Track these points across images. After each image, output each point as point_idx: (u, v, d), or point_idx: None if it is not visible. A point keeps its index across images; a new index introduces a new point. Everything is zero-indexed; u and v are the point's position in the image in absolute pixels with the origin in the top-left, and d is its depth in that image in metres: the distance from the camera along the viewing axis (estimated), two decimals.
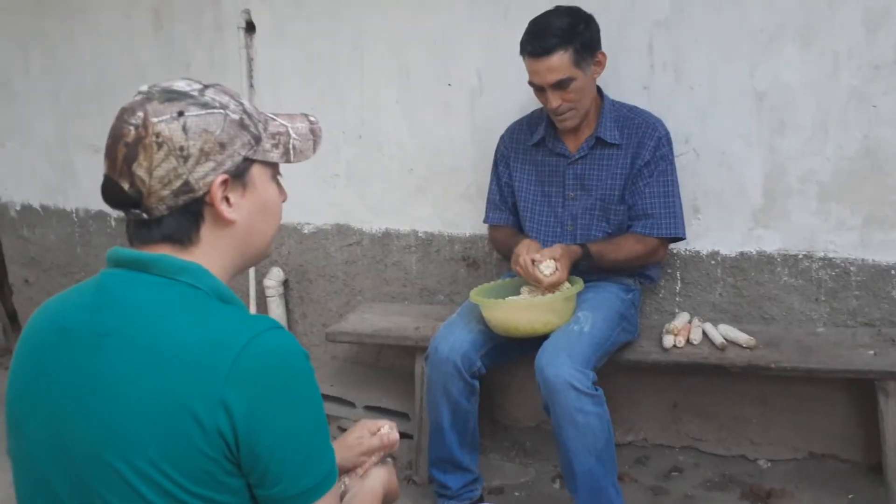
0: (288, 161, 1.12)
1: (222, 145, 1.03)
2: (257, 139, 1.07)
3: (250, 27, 3.01)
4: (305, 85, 2.97)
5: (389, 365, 3.02)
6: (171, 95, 1.03)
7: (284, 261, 3.13)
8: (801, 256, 2.49)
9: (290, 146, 1.12)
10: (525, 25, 2.26)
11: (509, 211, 2.54)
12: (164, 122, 1.01)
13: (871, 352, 2.25)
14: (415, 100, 2.84)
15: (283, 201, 1.15)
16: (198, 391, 0.95)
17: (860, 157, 2.38)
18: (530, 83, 2.27)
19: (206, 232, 1.06)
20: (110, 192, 1.04)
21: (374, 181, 2.96)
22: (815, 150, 2.41)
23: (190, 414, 0.94)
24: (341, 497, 1.27)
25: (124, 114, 1.03)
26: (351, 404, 2.80)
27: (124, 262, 1.05)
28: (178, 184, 1.02)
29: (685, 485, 2.51)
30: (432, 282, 2.93)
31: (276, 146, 1.10)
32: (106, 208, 3.38)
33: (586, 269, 2.25)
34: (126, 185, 1.02)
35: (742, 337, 2.33)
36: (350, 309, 2.98)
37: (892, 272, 2.41)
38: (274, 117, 1.13)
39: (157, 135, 1.00)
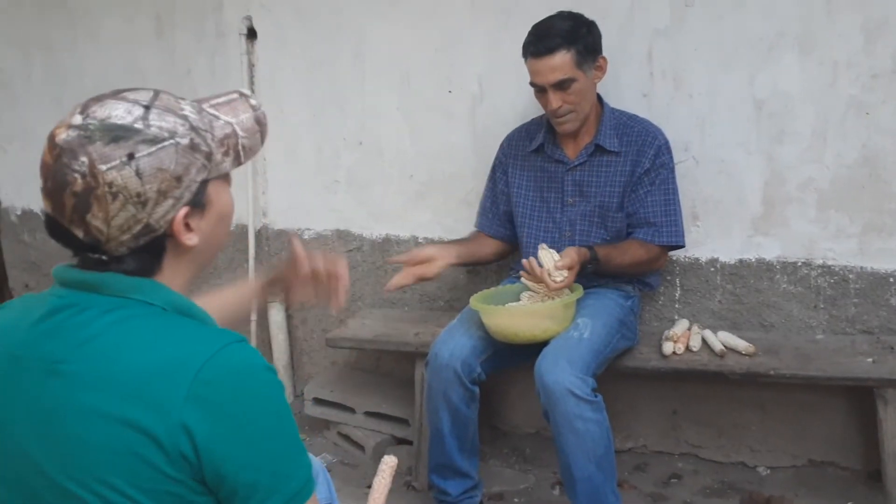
0: (240, 164, 1.07)
1: (178, 179, 0.98)
2: (209, 157, 1.01)
3: (252, 34, 3.03)
4: (306, 91, 2.98)
5: (389, 371, 3.03)
6: (115, 133, 0.94)
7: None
8: (800, 264, 2.49)
9: (240, 148, 1.06)
10: (526, 33, 2.28)
11: (498, 219, 2.55)
12: (114, 170, 0.94)
13: (870, 359, 2.26)
14: (415, 106, 2.85)
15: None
16: (157, 416, 0.91)
17: (859, 166, 2.39)
18: (532, 84, 2.29)
19: (168, 261, 1.03)
20: (61, 236, 0.99)
21: (374, 187, 2.96)
22: (814, 158, 2.42)
23: (151, 439, 0.91)
24: None
25: (63, 155, 0.94)
26: (351, 410, 2.81)
27: (73, 283, 1.01)
28: (137, 228, 0.97)
29: (684, 492, 2.51)
30: (432, 288, 2.93)
31: (226, 154, 1.04)
32: None
33: (588, 274, 2.26)
34: (80, 234, 0.97)
35: (741, 344, 2.34)
36: (350, 315, 2.98)
37: (891, 280, 2.41)
38: (216, 114, 1.05)
39: (110, 185, 0.93)
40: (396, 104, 2.87)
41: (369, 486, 1.32)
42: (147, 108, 0.98)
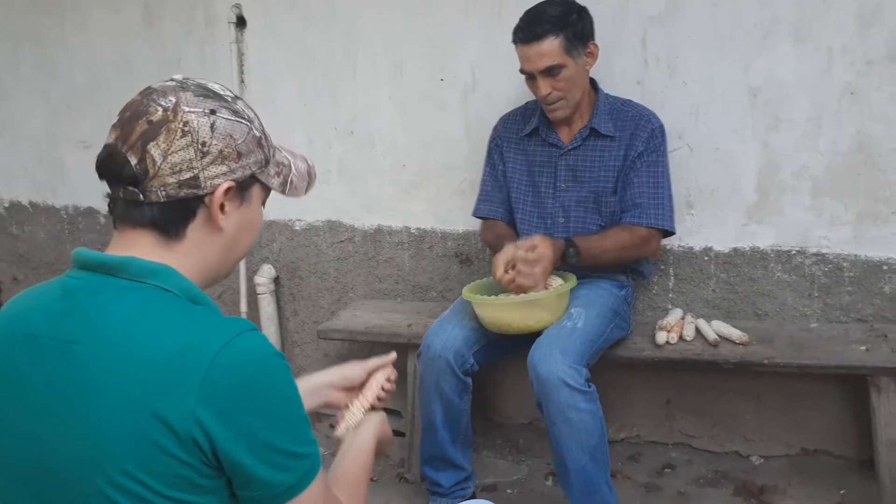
0: (283, 192, 1.15)
1: (240, 154, 1.05)
2: (267, 161, 1.10)
3: (241, 22, 2.99)
4: (298, 81, 2.95)
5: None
6: (206, 92, 1.05)
7: (276, 258, 3.11)
8: (794, 252, 2.48)
9: (290, 179, 1.16)
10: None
11: (501, 203, 2.51)
12: (195, 114, 1.02)
13: (864, 347, 2.25)
14: (408, 95, 2.83)
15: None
16: (171, 402, 0.93)
17: (853, 153, 2.38)
18: (522, 71, 2.27)
19: (193, 231, 1.05)
20: (111, 163, 1.02)
21: (366, 177, 2.94)
22: (809, 145, 2.41)
23: (163, 423, 0.93)
24: (338, 445, 1.28)
25: (152, 93, 1.03)
26: None
27: (90, 265, 1.03)
28: (187, 175, 1.01)
29: (678, 481, 2.50)
30: (425, 278, 2.92)
31: (278, 174, 1.13)
32: (96, 205, 3.36)
33: (577, 266, 2.24)
34: (134, 161, 1.00)
35: (735, 333, 2.33)
36: (342, 306, 2.97)
37: (885, 268, 2.41)
38: (280, 148, 1.16)
39: (186, 123, 1.01)
40: (389, 94, 2.85)
41: None
42: (237, 97, 1.10)
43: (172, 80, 1.06)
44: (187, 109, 1.02)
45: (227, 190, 1.04)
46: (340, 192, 2.98)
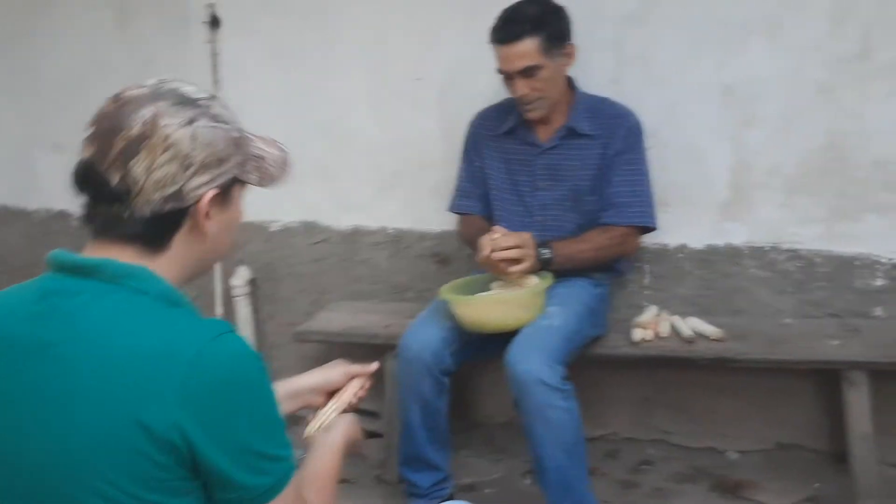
0: (261, 185, 1.13)
1: (220, 161, 1.04)
2: (245, 160, 1.09)
3: (215, 22, 2.96)
4: (272, 79, 2.93)
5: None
6: (182, 99, 1.03)
7: (251, 259, 3.09)
8: (767, 249, 2.51)
9: (266, 171, 1.13)
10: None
11: (479, 198, 2.50)
12: (174, 126, 1.00)
13: (837, 342, 2.28)
14: (384, 94, 2.82)
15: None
16: (149, 404, 0.93)
17: (824, 150, 2.41)
18: (499, 71, 2.27)
19: (179, 240, 1.05)
20: (91, 181, 1.00)
21: (342, 177, 2.92)
22: (781, 142, 2.44)
23: (141, 426, 0.92)
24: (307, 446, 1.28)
25: (127, 104, 1.01)
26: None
27: (67, 267, 1.02)
28: (171, 190, 1.00)
29: (655, 478, 2.52)
30: (402, 279, 2.91)
31: (256, 169, 1.12)
32: (69, 209, 3.31)
33: (553, 268, 2.24)
34: (115, 179, 0.99)
35: (710, 329, 2.35)
36: (319, 308, 2.95)
37: (856, 263, 2.43)
38: (254, 138, 1.13)
39: (166, 137, 0.99)
40: (364, 92, 2.84)
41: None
42: (213, 97, 1.08)
43: (145, 85, 1.04)
44: (166, 122, 1.00)
45: (213, 197, 1.04)
46: (316, 193, 2.95)
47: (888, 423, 2.31)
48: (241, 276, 3.04)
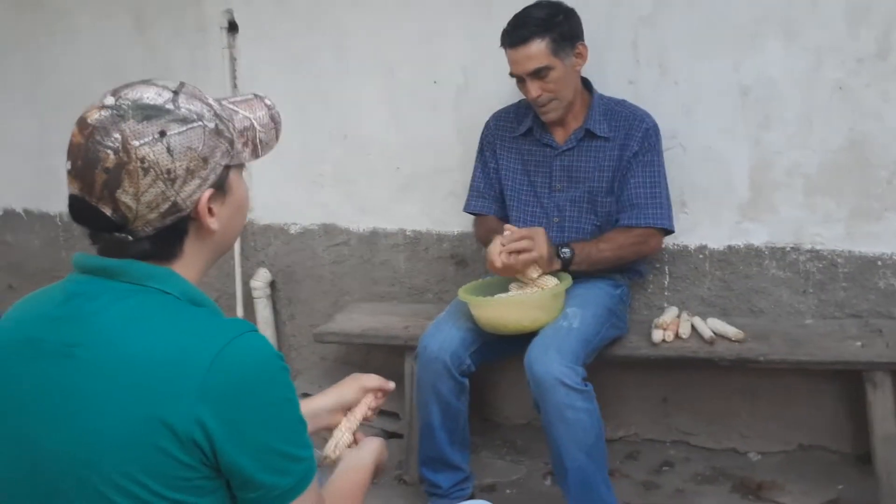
0: (256, 157, 1.11)
1: (205, 160, 1.01)
2: (232, 143, 1.06)
3: (233, 27, 2.99)
4: (290, 85, 2.95)
5: (378, 365, 3.00)
6: (147, 112, 0.98)
7: (271, 262, 3.11)
8: (788, 249, 2.49)
9: (258, 141, 1.10)
10: (507, 21, 2.26)
11: (493, 199, 2.51)
12: (147, 146, 0.97)
13: (859, 343, 2.26)
14: (400, 98, 2.83)
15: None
16: (171, 403, 0.94)
17: (845, 150, 2.39)
18: (511, 75, 2.28)
19: (189, 244, 1.05)
20: (87, 216, 1.00)
21: (360, 180, 2.94)
22: (801, 143, 2.42)
23: (164, 425, 0.93)
24: (335, 464, 1.28)
25: (93, 133, 0.98)
26: None
27: (91, 269, 1.03)
28: (166, 206, 0.99)
29: (676, 479, 2.51)
30: (420, 280, 2.92)
31: (245, 144, 1.09)
32: None
33: (578, 267, 2.24)
34: (109, 212, 0.98)
35: (731, 330, 2.34)
36: (338, 309, 2.96)
37: (879, 263, 2.42)
38: (235, 108, 1.10)
39: (142, 160, 0.96)
40: (380, 96, 2.85)
41: None
42: (176, 92, 1.02)
43: (105, 106, 0.99)
44: (137, 144, 0.96)
45: (210, 197, 1.03)
46: (335, 196, 2.98)
47: None
48: (261, 278, 3.07)
